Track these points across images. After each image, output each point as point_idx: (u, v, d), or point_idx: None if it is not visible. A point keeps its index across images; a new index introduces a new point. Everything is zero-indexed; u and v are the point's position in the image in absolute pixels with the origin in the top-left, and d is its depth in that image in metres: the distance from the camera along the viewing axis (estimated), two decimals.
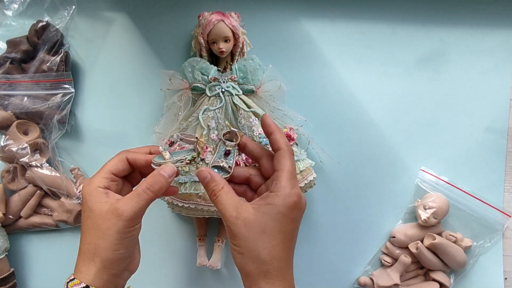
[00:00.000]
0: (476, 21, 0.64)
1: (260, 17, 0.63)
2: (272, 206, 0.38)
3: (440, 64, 0.64)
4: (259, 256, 0.37)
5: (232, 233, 0.38)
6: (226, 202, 0.38)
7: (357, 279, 0.62)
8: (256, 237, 0.37)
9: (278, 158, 0.40)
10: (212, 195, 0.40)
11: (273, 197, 0.38)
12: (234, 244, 0.38)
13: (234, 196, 0.39)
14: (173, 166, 0.42)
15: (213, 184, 0.40)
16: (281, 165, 0.40)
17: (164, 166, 0.41)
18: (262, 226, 0.37)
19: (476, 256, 0.61)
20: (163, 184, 0.40)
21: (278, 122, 0.58)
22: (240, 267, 0.38)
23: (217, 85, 0.56)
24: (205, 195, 0.54)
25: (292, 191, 0.39)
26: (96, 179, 0.41)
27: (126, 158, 0.43)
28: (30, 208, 0.60)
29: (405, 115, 0.63)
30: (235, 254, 0.38)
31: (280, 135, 0.42)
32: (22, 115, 0.59)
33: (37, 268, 0.62)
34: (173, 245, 0.62)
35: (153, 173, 0.40)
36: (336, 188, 0.63)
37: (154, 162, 0.42)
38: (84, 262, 0.39)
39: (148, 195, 0.39)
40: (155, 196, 0.40)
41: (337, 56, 0.63)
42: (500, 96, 0.63)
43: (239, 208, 0.38)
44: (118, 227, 0.38)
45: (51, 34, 0.59)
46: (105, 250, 0.38)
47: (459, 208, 0.61)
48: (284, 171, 0.39)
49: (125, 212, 0.38)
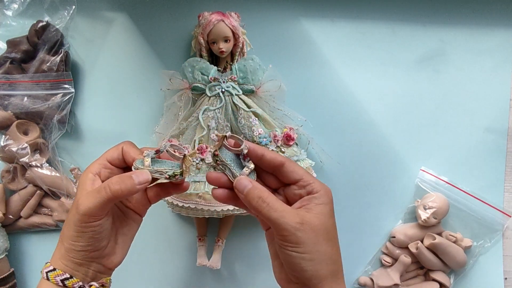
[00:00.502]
0: (476, 21, 0.64)
1: (260, 17, 0.63)
2: (324, 205, 0.38)
3: (440, 64, 0.64)
4: (331, 257, 0.36)
5: (299, 240, 0.35)
6: (282, 209, 0.36)
7: (357, 279, 0.62)
8: (325, 239, 0.36)
9: (291, 170, 0.39)
10: (260, 201, 0.36)
11: (320, 197, 0.38)
12: (301, 252, 0.35)
13: (282, 202, 0.38)
14: (149, 174, 0.39)
15: (257, 191, 0.37)
16: (299, 172, 0.39)
17: (139, 172, 0.39)
18: (326, 226, 0.37)
19: (476, 256, 0.61)
20: (128, 188, 0.38)
21: (278, 122, 0.58)
22: (312, 273, 0.36)
23: (217, 85, 0.56)
24: (205, 195, 0.54)
25: (327, 187, 0.39)
26: (92, 165, 0.41)
27: (122, 148, 0.42)
28: (30, 208, 0.60)
29: (405, 115, 0.63)
30: (303, 262, 0.35)
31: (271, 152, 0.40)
32: (22, 115, 0.59)
33: (37, 268, 0.62)
34: (173, 245, 0.62)
35: (124, 174, 0.39)
36: (336, 188, 0.63)
37: (134, 165, 0.40)
38: (57, 247, 0.41)
39: (106, 193, 0.37)
40: (113, 196, 0.37)
41: (337, 56, 0.63)
42: (500, 96, 0.63)
43: (299, 213, 0.36)
44: (74, 219, 0.38)
45: (51, 34, 0.59)
46: (66, 238, 0.39)
47: (459, 208, 0.61)
48: (307, 175, 0.39)
49: (81, 206, 0.37)
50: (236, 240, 0.62)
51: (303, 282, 0.37)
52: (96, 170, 0.41)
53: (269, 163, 0.40)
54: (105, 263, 0.41)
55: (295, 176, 0.39)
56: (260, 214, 0.37)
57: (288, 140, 0.56)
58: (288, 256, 0.36)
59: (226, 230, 0.60)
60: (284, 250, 0.36)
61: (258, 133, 0.56)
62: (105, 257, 0.41)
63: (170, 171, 0.40)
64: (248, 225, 0.62)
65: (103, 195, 0.37)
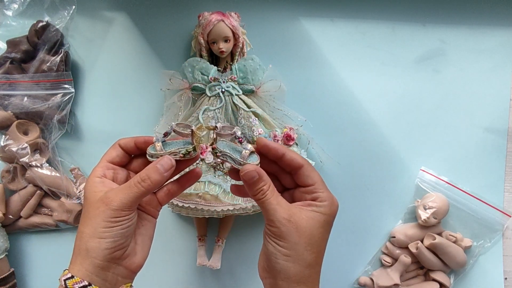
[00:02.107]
0: (476, 21, 0.64)
1: (260, 17, 0.63)
2: (319, 214, 0.39)
3: (440, 64, 0.64)
4: (306, 261, 0.38)
5: (282, 235, 0.37)
6: (276, 203, 0.38)
7: (357, 279, 0.62)
8: (306, 242, 0.38)
9: (307, 174, 0.40)
10: (260, 194, 0.38)
11: (320, 206, 0.39)
12: (280, 246, 0.38)
13: (281, 197, 0.39)
14: (170, 158, 0.39)
15: (262, 184, 0.39)
16: (314, 178, 0.40)
17: (160, 159, 0.39)
18: (311, 232, 0.38)
19: (476, 256, 0.61)
20: (157, 179, 0.39)
21: (278, 122, 0.58)
22: (282, 268, 0.38)
23: (217, 85, 0.56)
24: (205, 195, 0.54)
25: (334, 200, 0.40)
26: (94, 170, 0.41)
27: (119, 144, 0.42)
28: (30, 208, 0.60)
29: (405, 115, 0.63)
30: (279, 255, 0.38)
31: (292, 152, 0.41)
32: (22, 115, 0.59)
33: (37, 268, 0.62)
34: (173, 245, 0.62)
35: (149, 166, 0.39)
36: (336, 188, 0.62)
37: (148, 153, 0.40)
38: (74, 253, 0.39)
39: (138, 189, 0.38)
40: (146, 190, 0.38)
41: (337, 56, 0.63)
42: (500, 96, 0.63)
43: (291, 211, 0.38)
44: (105, 215, 0.37)
45: (51, 34, 0.59)
46: (89, 238, 0.38)
47: (459, 208, 0.61)
48: (320, 183, 0.40)
49: (114, 202, 0.38)
50: (236, 240, 0.62)
51: (273, 274, 0.39)
52: (100, 173, 0.41)
53: (288, 163, 0.41)
54: (127, 264, 0.41)
55: (309, 181, 0.40)
56: (257, 202, 0.39)
57: (288, 140, 0.56)
58: (268, 244, 0.38)
59: (226, 230, 0.60)
60: (267, 238, 0.39)
61: (258, 133, 0.56)
62: (127, 257, 0.41)
63: (183, 149, 0.40)
64: (248, 225, 0.62)
65: (135, 190, 0.38)
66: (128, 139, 0.42)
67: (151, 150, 0.40)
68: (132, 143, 0.42)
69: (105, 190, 0.39)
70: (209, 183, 0.55)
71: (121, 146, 0.42)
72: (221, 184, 0.55)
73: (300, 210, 0.39)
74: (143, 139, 0.42)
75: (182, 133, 0.41)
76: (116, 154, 0.42)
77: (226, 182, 0.56)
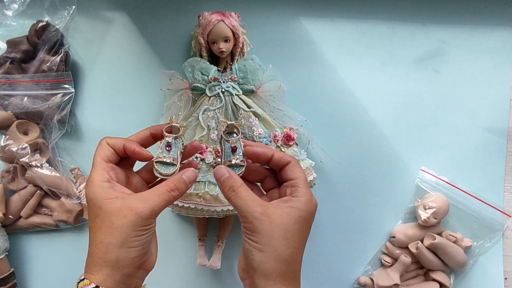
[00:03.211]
0: (476, 21, 0.64)
1: (260, 17, 0.63)
2: (295, 209, 0.39)
3: (440, 64, 0.64)
4: (282, 256, 0.37)
5: (255, 229, 0.37)
6: (248, 198, 0.38)
7: (357, 279, 0.62)
8: (280, 236, 0.37)
9: (291, 169, 0.41)
10: (230, 190, 0.39)
11: (296, 202, 0.39)
12: (254, 241, 0.37)
13: (254, 194, 0.39)
14: (195, 170, 0.42)
15: (231, 181, 0.40)
16: (296, 173, 0.41)
17: (186, 171, 0.41)
18: (286, 226, 0.38)
19: (476, 256, 0.61)
20: (184, 190, 0.40)
21: (278, 122, 0.58)
22: (258, 264, 0.37)
23: (217, 85, 0.56)
24: (205, 195, 0.54)
25: (312, 199, 0.40)
26: (95, 176, 0.39)
27: (107, 143, 0.42)
28: (30, 208, 0.60)
29: (405, 115, 0.63)
30: (254, 251, 0.37)
31: (279, 152, 0.43)
32: (22, 115, 0.59)
33: (37, 268, 0.62)
34: (173, 245, 0.62)
35: (176, 177, 0.40)
36: (336, 188, 0.63)
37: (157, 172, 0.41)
38: (94, 262, 0.37)
39: (169, 197, 0.39)
40: (174, 199, 0.40)
41: (337, 56, 0.63)
42: (500, 96, 0.63)
43: (264, 205, 0.38)
44: (135, 224, 0.37)
45: (51, 34, 0.59)
46: (118, 248, 0.36)
47: (459, 208, 0.61)
48: (302, 179, 0.41)
49: (144, 210, 0.37)
50: (236, 240, 0.62)
51: (251, 273, 0.38)
52: (105, 177, 0.39)
53: (277, 162, 0.42)
54: (146, 266, 0.41)
55: (292, 176, 0.41)
56: (229, 201, 0.39)
57: (288, 140, 0.56)
58: (244, 242, 0.38)
59: (226, 230, 0.60)
60: (243, 236, 0.39)
61: (258, 133, 0.56)
62: (146, 260, 0.41)
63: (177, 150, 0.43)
64: None
65: (167, 197, 0.39)
66: (117, 140, 0.42)
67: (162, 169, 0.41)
68: (121, 146, 0.41)
69: (120, 196, 0.38)
70: (209, 183, 0.55)
71: (110, 146, 0.42)
72: None
73: (275, 206, 0.39)
74: (133, 148, 0.41)
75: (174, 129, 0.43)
76: (110, 152, 0.41)
77: None
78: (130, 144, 0.42)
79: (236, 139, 0.43)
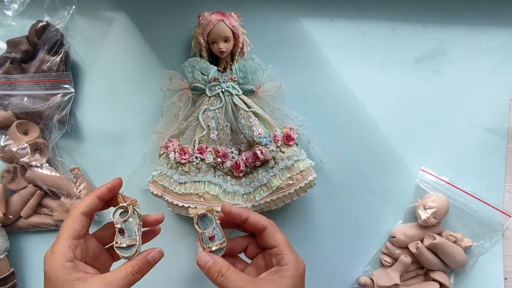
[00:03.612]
0: (476, 21, 0.64)
1: (260, 17, 0.63)
2: (287, 278, 0.39)
3: (440, 64, 0.64)
4: None
5: None
6: (238, 279, 0.38)
7: (357, 279, 0.62)
8: None
9: (270, 235, 0.42)
10: (219, 276, 0.39)
11: (286, 270, 0.40)
12: None
13: (243, 274, 0.40)
14: (161, 251, 0.43)
15: (218, 266, 0.40)
16: (277, 238, 0.42)
17: (152, 251, 0.42)
18: None
19: (476, 256, 0.61)
20: (148, 270, 0.41)
21: (278, 122, 0.58)
22: None
23: (217, 85, 0.56)
24: (205, 195, 0.54)
25: (299, 260, 0.41)
26: (58, 250, 0.39)
27: (80, 213, 0.41)
28: (30, 208, 0.60)
29: (405, 115, 0.63)
30: None
31: (256, 214, 0.43)
32: (22, 115, 0.59)
33: (37, 268, 0.62)
34: (173, 245, 0.62)
35: (140, 258, 0.41)
36: (336, 188, 0.63)
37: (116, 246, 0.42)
38: None
39: (137, 278, 0.40)
40: (137, 280, 0.40)
41: (337, 56, 0.63)
42: (500, 96, 0.63)
43: (255, 283, 0.38)
44: None
45: (51, 34, 0.59)
46: None
47: (459, 208, 0.61)
48: (284, 244, 0.41)
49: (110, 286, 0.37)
50: None
51: None
52: (69, 256, 0.39)
53: (253, 226, 0.43)
54: None
55: (272, 243, 0.42)
56: (219, 286, 0.39)
57: (288, 140, 0.56)
58: None
59: (226, 230, 0.60)
60: None
61: (258, 133, 0.56)
62: None
63: (138, 220, 0.43)
64: None
65: (130, 280, 0.39)
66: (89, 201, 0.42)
67: (123, 252, 0.42)
68: (96, 202, 0.42)
69: (83, 278, 0.38)
70: (209, 183, 0.55)
71: (86, 214, 0.41)
72: (221, 184, 0.55)
73: (267, 280, 0.39)
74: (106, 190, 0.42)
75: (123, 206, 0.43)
76: (80, 226, 0.41)
77: (226, 182, 0.56)
78: (101, 190, 0.42)
79: (211, 229, 0.43)
